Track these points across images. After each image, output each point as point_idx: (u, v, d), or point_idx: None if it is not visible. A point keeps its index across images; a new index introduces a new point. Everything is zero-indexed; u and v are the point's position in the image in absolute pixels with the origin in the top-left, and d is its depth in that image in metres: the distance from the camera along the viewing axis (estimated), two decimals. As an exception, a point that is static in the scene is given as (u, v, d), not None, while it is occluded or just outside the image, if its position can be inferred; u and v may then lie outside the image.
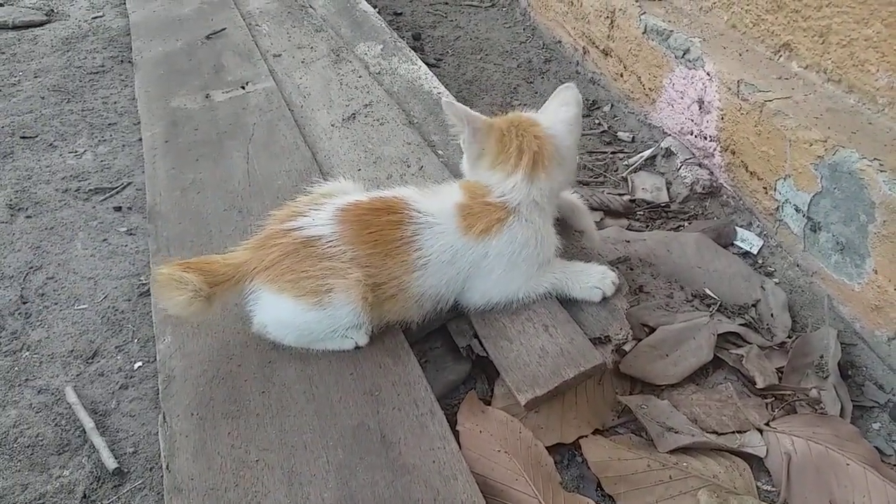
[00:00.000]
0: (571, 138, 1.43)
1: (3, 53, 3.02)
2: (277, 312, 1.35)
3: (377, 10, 3.01)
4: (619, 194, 2.00)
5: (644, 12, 2.21)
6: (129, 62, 2.88)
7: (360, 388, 1.34)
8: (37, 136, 2.41)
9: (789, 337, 1.57)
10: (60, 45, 3.09)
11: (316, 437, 1.27)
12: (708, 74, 1.93)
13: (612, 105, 2.46)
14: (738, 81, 1.82)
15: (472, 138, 1.38)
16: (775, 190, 1.75)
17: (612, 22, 2.38)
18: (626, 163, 2.18)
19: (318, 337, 1.37)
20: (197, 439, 1.29)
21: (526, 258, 1.37)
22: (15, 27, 3.26)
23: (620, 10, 2.32)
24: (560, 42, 2.83)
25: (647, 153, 2.15)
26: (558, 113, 1.44)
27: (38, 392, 1.51)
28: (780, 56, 1.85)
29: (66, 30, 3.24)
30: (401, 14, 3.31)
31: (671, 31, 2.09)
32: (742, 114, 1.82)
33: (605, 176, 2.11)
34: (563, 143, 1.40)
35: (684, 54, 2.03)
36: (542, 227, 1.38)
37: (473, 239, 1.34)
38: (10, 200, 2.07)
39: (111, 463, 1.34)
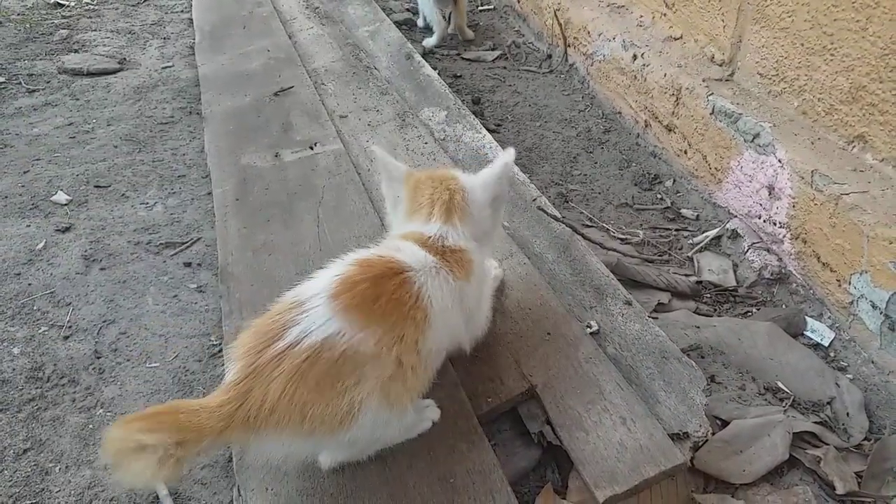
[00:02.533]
0: (485, 196, 1.43)
1: (78, 100, 3.14)
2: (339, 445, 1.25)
3: (437, 71, 3.08)
4: (686, 275, 2.00)
5: (712, 93, 2.23)
6: (198, 114, 2.98)
7: (434, 473, 1.34)
8: (110, 186, 2.49)
9: (867, 439, 1.54)
10: (132, 93, 3.20)
11: (392, 523, 1.26)
12: (780, 161, 1.94)
13: (674, 180, 2.47)
14: (813, 172, 1.82)
15: (388, 185, 1.43)
16: (850, 284, 1.73)
17: (677, 99, 2.41)
18: (690, 241, 2.17)
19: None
20: (272, 516, 1.30)
21: (487, 284, 1.55)
22: (89, 74, 3.39)
23: (687, 88, 2.35)
24: (620, 113, 2.86)
25: (712, 233, 2.14)
26: (483, 172, 1.47)
27: (112, 452, 1.53)
28: (854, 147, 1.85)
29: (137, 78, 3.36)
30: (460, 77, 3.38)
31: (740, 114, 2.11)
32: (816, 204, 1.81)
33: (669, 254, 2.11)
34: (473, 198, 1.41)
35: (754, 139, 2.04)
36: (482, 259, 1.44)
37: (464, 281, 1.32)
38: (86, 251, 2.13)
39: (185, 534, 1.34)
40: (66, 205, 2.37)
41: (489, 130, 2.60)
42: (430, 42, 3.68)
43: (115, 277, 2.04)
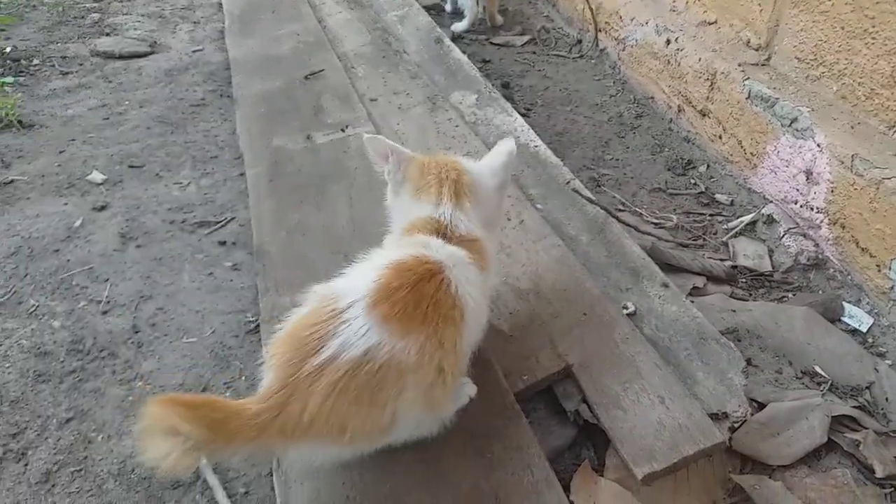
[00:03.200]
0: (493, 181, 1.41)
1: (111, 82, 3.17)
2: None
3: (465, 56, 3.07)
4: (721, 259, 1.99)
5: (748, 77, 2.21)
6: (229, 97, 2.99)
7: (471, 448, 1.35)
8: (144, 166, 2.51)
9: (906, 424, 1.52)
10: (163, 76, 3.23)
11: (429, 497, 1.27)
12: (818, 146, 1.92)
13: (708, 165, 2.45)
14: (853, 156, 1.80)
15: (396, 167, 1.38)
16: (889, 269, 1.71)
17: (712, 84, 2.38)
18: (725, 226, 2.16)
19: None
20: (311, 488, 1.31)
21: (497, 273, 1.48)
22: (121, 57, 3.42)
23: (722, 73, 2.32)
24: (652, 98, 2.84)
25: (747, 218, 2.13)
26: (487, 159, 1.46)
27: (152, 424, 1.56)
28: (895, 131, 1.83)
29: (168, 62, 3.38)
30: (489, 61, 3.37)
31: (777, 98, 2.08)
32: (856, 189, 1.79)
33: (704, 239, 2.10)
34: (481, 182, 1.39)
35: (791, 123, 2.01)
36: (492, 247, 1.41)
37: (486, 271, 1.32)
38: (122, 229, 2.16)
39: (226, 503, 1.36)
40: (101, 184, 2.40)
41: (519, 115, 2.59)
42: (459, 27, 3.67)
43: (151, 255, 2.07)
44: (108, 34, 3.70)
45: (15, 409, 1.59)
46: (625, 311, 1.63)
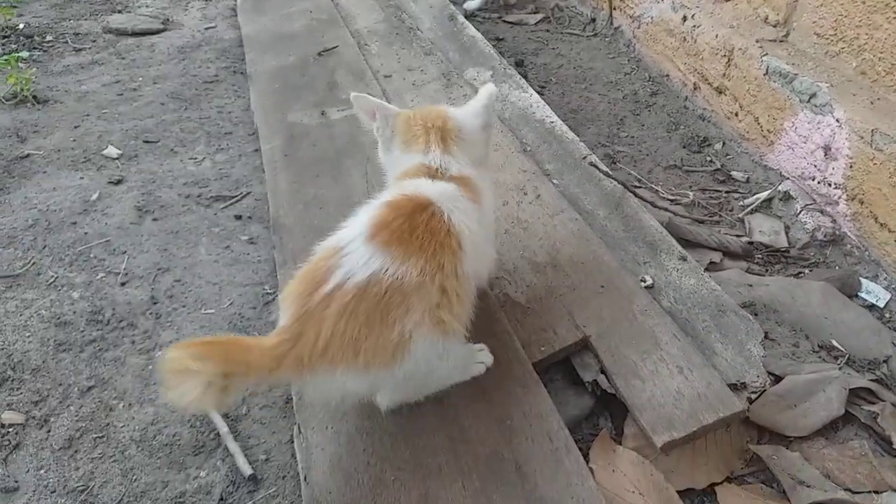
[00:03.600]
0: (476, 122, 1.45)
1: (124, 58, 3.17)
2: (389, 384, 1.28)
3: (479, 34, 3.06)
4: (737, 235, 1.98)
5: (766, 53, 2.19)
6: (242, 73, 3.00)
7: (491, 415, 1.36)
8: (159, 141, 2.52)
9: (924, 397, 1.52)
10: (176, 53, 3.23)
11: (450, 461, 1.29)
12: (837, 121, 1.90)
13: (723, 143, 2.44)
14: (873, 131, 1.79)
15: (384, 123, 1.42)
16: (909, 244, 1.71)
17: (729, 61, 2.37)
18: (741, 203, 2.15)
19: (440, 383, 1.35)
20: (332, 453, 1.33)
21: (492, 207, 1.48)
22: (134, 34, 3.42)
23: (740, 49, 2.30)
24: (668, 76, 2.82)
25: (763, 195, 2.12)
26: (470, 104, 1.50)
27: (173, 392, 1.57)
28: (917, 106, 1.81)
29: (180, 39, 3.38)
30: (502, 40, 3.35)
31: (796, 74, 2.07)
32: (875, 164, 1.78)
33: (720, 215, 2.09)
34: (465, 125, 1.43)
35: (810, 99, 2.00)
36: (485, 185, 1.44)
37: (479, 204, 1.36)
38: (139, 202, 2.17)
39: (247, 469, 1.38)
40: (116, 158, 2.41)
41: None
42: (472, 5, 3.64)
43: (168, 228, 2.08)
44: (119, 11, 3.71)
45: (36, 377, 1.61)
46: (643, 284, 1.63)
